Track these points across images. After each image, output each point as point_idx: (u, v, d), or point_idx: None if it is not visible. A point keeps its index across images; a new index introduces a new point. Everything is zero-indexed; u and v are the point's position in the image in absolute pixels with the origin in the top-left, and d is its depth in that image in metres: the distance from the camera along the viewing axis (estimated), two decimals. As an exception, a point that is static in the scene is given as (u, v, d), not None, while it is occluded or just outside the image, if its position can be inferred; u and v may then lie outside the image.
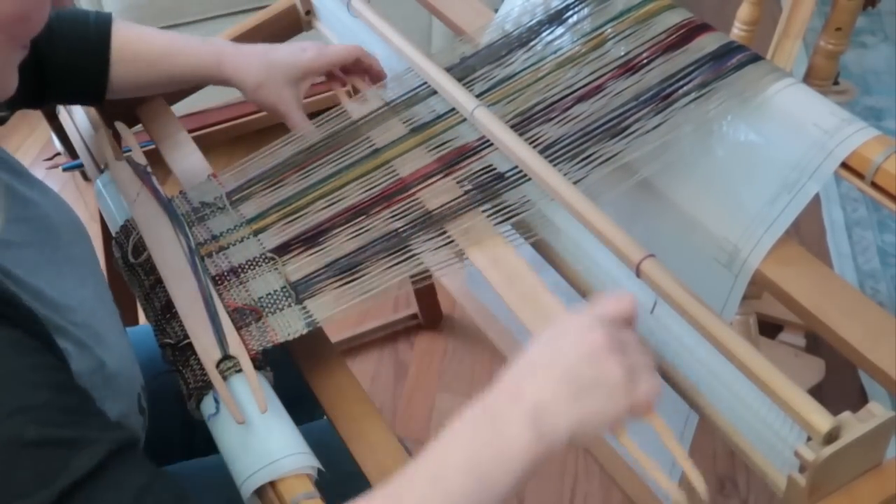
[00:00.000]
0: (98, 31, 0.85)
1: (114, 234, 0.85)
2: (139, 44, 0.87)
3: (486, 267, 0.71)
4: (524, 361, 0.57)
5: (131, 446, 0.53)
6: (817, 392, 1.41)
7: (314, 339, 0.74)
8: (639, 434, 0.58)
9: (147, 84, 0.90)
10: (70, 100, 0.92)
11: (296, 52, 0.88)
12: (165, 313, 0.75)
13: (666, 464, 0.91)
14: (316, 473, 0.64)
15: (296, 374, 0.74)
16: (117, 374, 0.64)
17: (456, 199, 0.76)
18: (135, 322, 1.26)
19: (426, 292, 1.58)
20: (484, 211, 0.75)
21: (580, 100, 0.78)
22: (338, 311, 0.72)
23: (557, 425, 0.53)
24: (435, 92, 0.85)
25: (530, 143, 0.75)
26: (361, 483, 0.65)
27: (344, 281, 0.74)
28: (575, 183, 0.72)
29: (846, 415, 0.55)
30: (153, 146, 0.95)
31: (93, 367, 0.61)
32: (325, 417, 0.93)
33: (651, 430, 0.58)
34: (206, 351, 0.70)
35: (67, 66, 0.84)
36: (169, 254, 0.78)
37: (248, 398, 0.67)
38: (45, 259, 0.65)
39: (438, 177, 0.78)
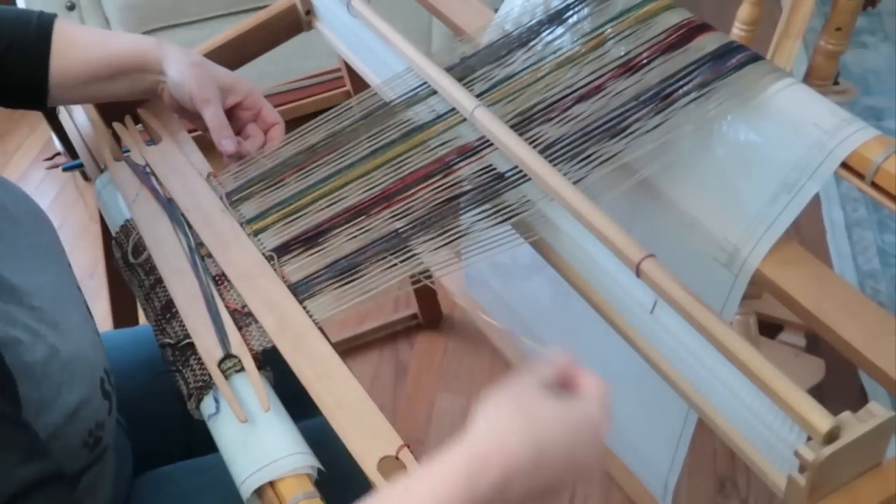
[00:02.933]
0: (39, 28, 0.84)
1: (114, 234, 0.86)
2: (78, 34, 0.86)
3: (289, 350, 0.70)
4: (556, 452, 0.53)
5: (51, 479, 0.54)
6: (817, 392, 1.41)
7: (314, 339, 0.74)
8: (637, 432, 0.58)
9: (86, 76, 0.86)
10: (10, 103, 0.89)
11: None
12: (165, 313, 0.75)
13: (664, 463, 0.91)
14: (315, 473, 0.64)
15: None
16: (75, 357, 0.65)
17: (455, 199, 0.76)
18: (135, 322, 1.26)
19: (426, 292, 1.58)
20: (484, 211, 0.75)
21: (580, 100, 0.78)
22: (338, 312, 0.72)
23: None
24: (435, 92, 0.85)
25: (530, 143, 0.75)
26: (360, 480, 0.65)
27: (344, 281, 0.74)
28: (575, 183, 0.72)
29: (846, 415, 0.55)
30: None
31: (46, 354, 0.62)
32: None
33: (648, 429, 0.58)
34: (208, 350, 0.70)
35: (6, 67, 0.83)
36: (169, 253, 0.78)
37: (249, 397, 0.67)
38: (5, 246, 0.66)
39: (438, 177, 0.78)
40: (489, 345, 1.52)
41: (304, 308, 0.72)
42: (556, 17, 0.86)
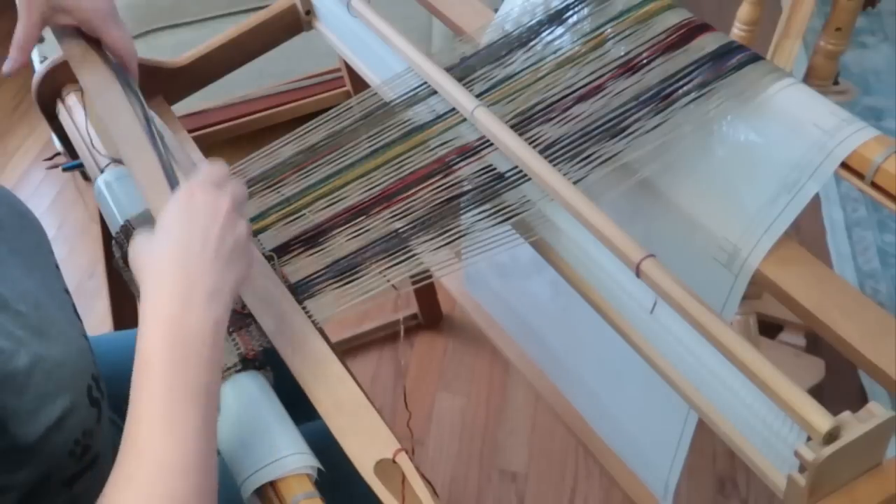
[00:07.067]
0: None
1: (114, 235, 0.85)
2: None
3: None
4: (175, 250, 0.60)
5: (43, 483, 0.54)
6: (817, 392, 1.41)
7: (314, 339, 0.74)
8: (637, 432, 0.58)
9: None
10: None
11: None
12: (165, 313, 0.75)
13: (665, 463, 0.91)
14: (316, 473, 0.64)
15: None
16: (60, 365, 0.63)
17: (455, 199, 0.76)
18: (135, 322, 1.25)
19: (426, 292, 1.58)
20: (484, 211, 0.75)
21: (580, 100, 0.78)
22: (338, 312, 0.72)
23: (226, 300, 0.60)
24: (435, 92, 0.85)
25: (530, 143, 0.75)
26: (360, 483, 0.65)
27: (344, 281, 0.74)
28: (575, 183, 0.72)
29: (846, 415, 0.55)
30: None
31: (30, 362, 0.61)
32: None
33: (648, 430, 0.58)
34: (207, 351, 0.70)
35: None
36: (124, 124, 0.79)
37: (249, 397, 0.67)
38: None
39: (438, 177, 0.78)
40: (489, 345, 1.52)
41: (304, 308, 0.72)
42: (556, 17, 0.86)
